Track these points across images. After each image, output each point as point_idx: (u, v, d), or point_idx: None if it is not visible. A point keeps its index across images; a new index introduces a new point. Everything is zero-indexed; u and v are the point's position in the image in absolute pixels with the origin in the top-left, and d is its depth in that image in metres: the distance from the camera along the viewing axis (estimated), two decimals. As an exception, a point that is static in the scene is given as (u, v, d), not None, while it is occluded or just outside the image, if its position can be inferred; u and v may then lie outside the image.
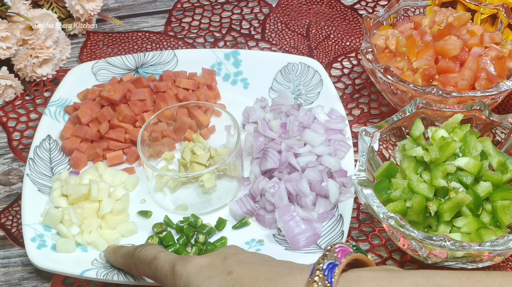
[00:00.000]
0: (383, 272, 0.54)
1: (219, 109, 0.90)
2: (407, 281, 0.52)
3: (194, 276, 0.60)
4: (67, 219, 0.80)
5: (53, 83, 1.01)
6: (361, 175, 0.75)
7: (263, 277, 0.57)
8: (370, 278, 0.53)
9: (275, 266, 0.59)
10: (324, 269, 0.54)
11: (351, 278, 0.54)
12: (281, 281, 0.56)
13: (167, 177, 0.83)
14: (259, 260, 0.61)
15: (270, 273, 0.58)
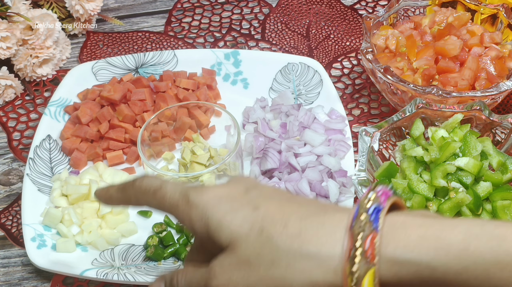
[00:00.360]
0: (430, 219, 0.50)
1: (219, 109, 0.90)
2: (460, 229, 0.48)
3: (214, 208, 0.53)
4: (67, 219, 0.80)
5: (53, 83, 1.01)
6: (361, 175, 0.75)
7: (295, 215, 0.52)
8: (417, 224, 0.49)
9: (305, 204, 0.53)
10: (370, 214, 0.50)
11: (395, 223, 0.50)
12: (318, 221, 0.51)
13: (167, 177, 0.83)
14: (284, 195, 0.54)
15: (303, 211, 0.52)
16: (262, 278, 0.52)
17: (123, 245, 0.80)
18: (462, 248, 0.48)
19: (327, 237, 0.50)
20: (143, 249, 0.80)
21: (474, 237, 0.48)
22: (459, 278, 0.48)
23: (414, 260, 0.48)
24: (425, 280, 0.49)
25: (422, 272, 0.49)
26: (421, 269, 0.48)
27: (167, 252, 0.78)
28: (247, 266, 0.52)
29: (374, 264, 0.49)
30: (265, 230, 0.52)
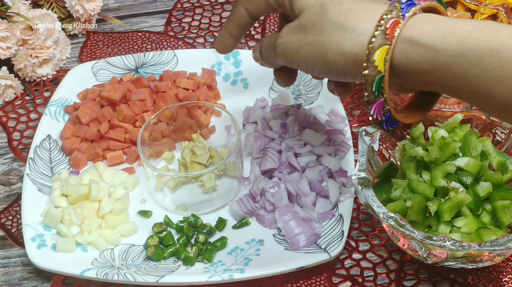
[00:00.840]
0: (451, 18, 0.59)
1: (219, 109, 0.90)
2: (470, 23, 0.57)
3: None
4: (67, 219, 0.80)
5: (53, 83, 1.01)
6: (361, 175, 0.75)
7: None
8: (438, 19, 0.59)
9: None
10: (402, 3, 0.60)
11: (422, 17, 0.59)
12: (366, 5, 0.62)
13: (167, 177, 0.83)
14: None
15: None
16: (310, 41, 0.65)
17: (123, 245, 0.80)
18: (465, 36, 0.56)
19: (366, 17, 0.61)
20: (143, 249, 0.80)
21: (478, 29, 0.56)
22: (457, 61, 0.56)
23: (424, 42, 0.58)
24: (430, 62, 0.58)
25: (428, 54, 0.58)
26: (428, 51, 0.58)
27: (167, 252, 0.78)
28: (303, 30, 0.66)
29: (390, 43, 0.59)
30: (325, 4, 0.64)
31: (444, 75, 0.58)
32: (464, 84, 0.57)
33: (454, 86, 0.58)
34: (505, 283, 0.77)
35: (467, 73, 0.57)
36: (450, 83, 0.58)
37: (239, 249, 0.79)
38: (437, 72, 0.58)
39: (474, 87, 0.57)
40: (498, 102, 0.56)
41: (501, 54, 0.55)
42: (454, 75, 0.57)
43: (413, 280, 0.78)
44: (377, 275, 0.79)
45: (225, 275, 0.75)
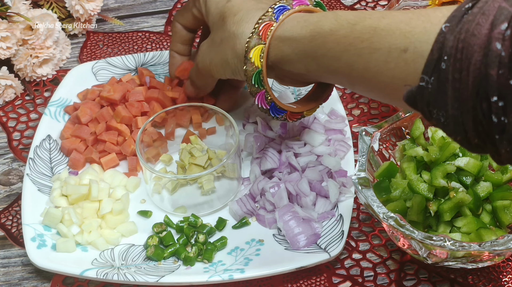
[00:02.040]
0: (318, 14, 0.70)
1: (217, 111, 0.89)
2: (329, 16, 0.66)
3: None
4: (67, 219, 0.80)
5: (53, 83, 1.02)
6: (361, 175, 0.75)
7: (246, 8, 0.75)
8: (304, 15, 0.70)
9: (262, 2, 0.76)
10: (275, 9, 0.71)
11: (292, 17, 0.71)
12: (253, 13, 0.74)
13: (165, 179, 0.83)
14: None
15: (253, 6, 0.75)
16: (217, 51, 0.77)
17: (123, 245, 0.80)
18: (314, 24, 0.67)
19: (250, 24, 0.73)
20: (143, 249, 0.80)
21: (324, 17, 0.66)
22: (311, 45, 0.67)
23: (288, 36, 0.70)
24: (295, 51, 0.69)
25: (292, 45, 0.69)
26: (292, 42, 0.69)
27: (167, 252, 0.78)
28: (212, 43, 0.78)
29: (264, 42, 0.71)
30: (225, 17, 0.76)
31: (308, 61, 0.68)
32: (321, 67, 0.66)
33: (319, 72, 0.68)
34: (505, 283, 0.77)
35: (318, 55, 0.66)
36: (314, 68, 0.68)
37: (239, 249, 0.79)
38: (302, 60, 0.69)
39: (328, 68, 0.66)
40: (344, 76, 0.65)
41: (336, 33, 0.64)
42: (313, 60, 0.67)
43: (413, 280, 0.78)
44: (377, 275, 0.79)
45: (225, 275, 0.75)
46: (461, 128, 0.54)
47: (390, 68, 0.59)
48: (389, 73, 0.59)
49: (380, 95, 0.64)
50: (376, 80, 0.61)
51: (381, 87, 0.61)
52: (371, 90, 0.64)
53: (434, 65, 0.54)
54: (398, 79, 0.59)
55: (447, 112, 0.54)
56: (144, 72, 0.94)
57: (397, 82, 0.59)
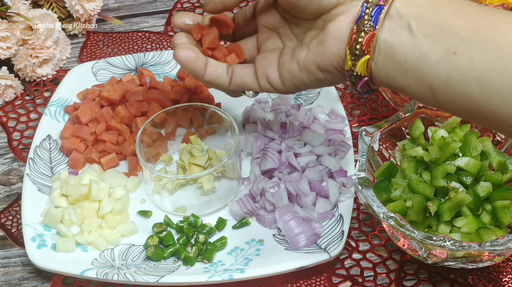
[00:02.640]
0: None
1: (217, 111, 0.89)
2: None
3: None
4: (67, 219, 0.80)
5: (53, 83, 1.02)
6: (361, 175, 0.75)
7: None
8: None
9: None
10: (372, 15, 0.62)
11: (393, 23, 0.62)
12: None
13: (165, 179, 0.83)
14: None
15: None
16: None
17: (123, 245, 0.80)
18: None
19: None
20: (143, 249, 0.80)
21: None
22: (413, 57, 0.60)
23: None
24: (404, 65, 0.61)
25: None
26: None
27: (167, 252, 0.78)
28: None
29: (368, 54, 0.63)
30: None
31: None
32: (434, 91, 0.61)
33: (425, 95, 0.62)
34: (505, 283, 0.77)
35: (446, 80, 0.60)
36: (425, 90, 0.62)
37: (239, 249, 0.79)
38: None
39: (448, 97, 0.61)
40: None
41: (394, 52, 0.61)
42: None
43: (413, 280, 0.78)
44: (377, 275, 0.79)
45: (225, 275, 0.75)
46: None
47: None
48: None
49: (489, 88, 0.58)
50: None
51: (500, 77, 0.57)
52: (480, 80, 0.58)
53: None
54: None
55: None
56: (144, 72, 0.94)
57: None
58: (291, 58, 0.70)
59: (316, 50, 0.67)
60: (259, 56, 0.74)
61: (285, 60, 0.71)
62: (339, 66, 0.66)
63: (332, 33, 0.65)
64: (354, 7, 0.64)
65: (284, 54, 0.71)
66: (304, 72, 0.69)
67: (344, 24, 0.65)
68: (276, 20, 0.74)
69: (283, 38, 0.74)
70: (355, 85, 0.65)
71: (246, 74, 0.74)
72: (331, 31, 0.65)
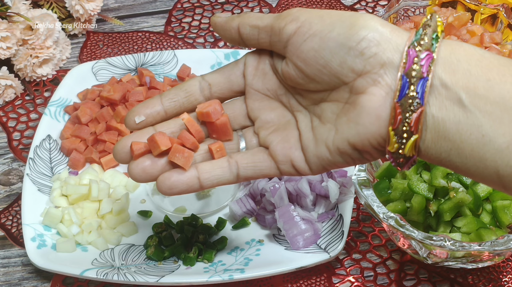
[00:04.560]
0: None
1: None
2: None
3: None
4: (67, 219, 0.80)
5: (53, 83, 1.01)
6: (361, 175, 0.75)
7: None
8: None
9: None
10: (416, 90, 0.51)
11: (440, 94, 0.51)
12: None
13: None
14: None
15: None
16: None
17: (123, 245, 0.80)
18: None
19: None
20: (143, 249, 0.80)
21: None
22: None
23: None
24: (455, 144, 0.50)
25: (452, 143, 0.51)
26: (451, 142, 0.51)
27: (167, 252, 0.78)
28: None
29: (416, 134, 0.51)
30: None
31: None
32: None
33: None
34: (505, 283, 0.77)
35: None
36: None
37: (239, 249, 0.79)
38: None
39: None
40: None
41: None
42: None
43: (413, 280, 0.78)
44: (377, 275, 0.79)
45: (225, 275, 0.75)
46: None
47: None
48: None
49: None
50: None
51: None
52: None
53: None
54: None
55: None
56: (144, 72, 0.94)
57: None
58: (315, 140, 0.57)
59: (348, 130, 0.54)
60: (274, 136, 0.58)
61: (308, 143, 0.57)
62: (379, 146, 0.54)
63: (367, 109, 0.53)
64: (386, 76, 0.52)
65: (304, 134, 0.57)
66: (337, 155, 0.56)
67: (379, 98, 0.52)
68: (275, 85, 0.59)
69: (291, 109, 0.59)
70: (401, 167, 0.54)
71: (259, 163, 0.59)
72: (365, 108, 0.53)
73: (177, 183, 0.57)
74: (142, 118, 0.59)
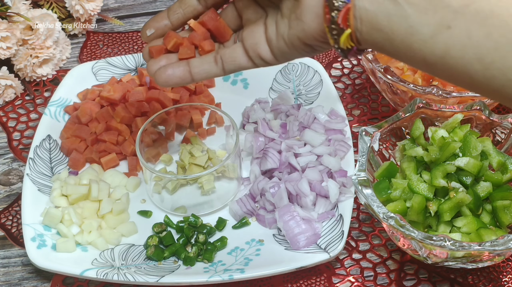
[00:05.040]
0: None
1: (217, 111, 0.89)
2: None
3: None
4: (67, 219, 0.80)
5: (53, 83, 1.02)
6: (361, 175, 0.75)
7: None
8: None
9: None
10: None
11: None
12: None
13: (165, 179, 0.83)
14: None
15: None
16: None
17: (123, 245, 0.80)
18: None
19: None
20: (143, 249, 0.80)
21: None
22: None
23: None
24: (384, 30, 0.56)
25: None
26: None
27: (167, 252, 0.78)
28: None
29: (348, 28, 0.57)
30: None
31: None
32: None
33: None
34: (505, 283, 0.77)
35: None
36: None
37: (239, 249, 0.79)
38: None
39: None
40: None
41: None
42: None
43: (413, 280, 0.78)
44: (377, 275, 0.79)
45: (225, 275, 0.75)
46: None
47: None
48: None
49: (493, 68, 0.53)
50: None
51: (505, 56, 0.52)
52: (481, 58, 0.53)
53: None
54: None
55: None
56: (144, 72, 0.94)
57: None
58: (277, 35, 0.65)
59: (297, 26, 0.62)
60: (245, 33, 0.68)
61: (272, 37, 0.65)
62: (324, 40, 0.61)
63: (307, 8, 0.60)
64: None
65: (268, 28, 0.66)
66: (293, 48, 0.64)
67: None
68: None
69: (263, 5, 0.68)
70: (346, 56, 0.61)
71: (237, 57, 0.68)
72: (306, 5, 0.60)
73: (172, 76, 0.68)
74: (152, 31, 0.71)
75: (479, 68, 0.53)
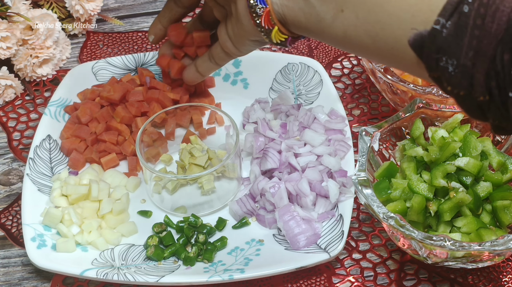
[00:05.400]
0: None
1: (217, 111, 0.89)
2: None
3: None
4: (67, 219, 0.80)
5: (53, 83, 1.02)
6: (361, 175, 0.75)
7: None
8: None
9: None
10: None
11: None
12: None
13: (165, 179, 0.83)
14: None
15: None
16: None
17: (123, 245, 0.80)
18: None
19: None
20: (143, 249, 0.80)
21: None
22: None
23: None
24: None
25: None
26: None
27: (167, 252, 0.78)
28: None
29: (274, 27, 0.69)
30: None
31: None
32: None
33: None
34: (505, 283, 0.77)
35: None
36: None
37: (239, 249, 0.79)
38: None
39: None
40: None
41: None
42: None
43: (413, 280, 0.78)
44: (377, 275, 0.79)
45: (225, 275, 0.75)
46: (469, 82, 0.51)
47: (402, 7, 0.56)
48: (398, 11, 0.56)
49: (378, 39, 0.59)
50: (380, 17, 0.58)
51: (383, 28, 0.58)
52: (369, 33, 0.60)
53: (455, 8, 0.51)
54: (405, 21, 0.56)
55: (458, 61, 0.51)
56: (144, 72, 0.94)
57: (403, 25, 0.56)
58: (233, 33, 0.77)
59: (240, 27, 0.73)
60: (218, 31, 0.80)
61: (230, 35, 0.77)
62: (264, 36, 0.71)
63: (241, 12, 0.72)
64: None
65: (228, 27, 0.77)
66: (242, 46, 0.77)
67: (243, 4, 0.71)
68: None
69: (223, 4, 0.79)
70: (286, 46, 0.71)
71: (219, 54, 0.81)
72: (240, 11, 0.72)
73: (187, 77, 0.88)
74: (152, 37, 0.89)
75: (370, 42, 0.60)
